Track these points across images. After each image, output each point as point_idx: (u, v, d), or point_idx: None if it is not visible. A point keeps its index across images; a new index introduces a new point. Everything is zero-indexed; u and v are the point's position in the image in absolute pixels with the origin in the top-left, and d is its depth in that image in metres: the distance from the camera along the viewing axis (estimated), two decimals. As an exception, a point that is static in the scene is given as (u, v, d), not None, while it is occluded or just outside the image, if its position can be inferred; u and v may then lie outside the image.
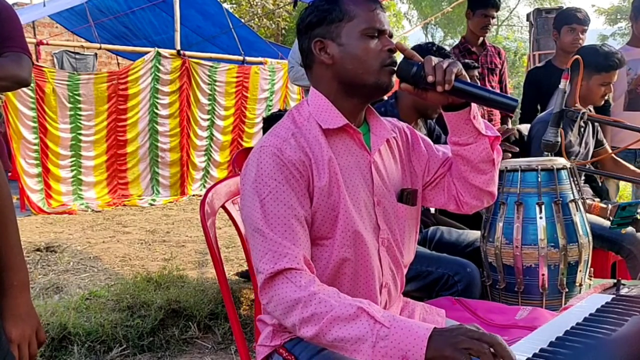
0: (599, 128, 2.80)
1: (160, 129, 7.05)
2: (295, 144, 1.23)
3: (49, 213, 5.97)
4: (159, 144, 7.09)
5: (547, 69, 3.47)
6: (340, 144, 1.29)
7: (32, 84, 5.82)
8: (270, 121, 3.61)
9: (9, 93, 5.65)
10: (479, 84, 2.54)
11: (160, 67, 6.85)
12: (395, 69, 1.28)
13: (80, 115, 6.38)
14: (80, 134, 6.42)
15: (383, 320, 1.04)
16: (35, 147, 6.09)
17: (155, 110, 6.97)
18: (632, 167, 2.82)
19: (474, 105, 1.31)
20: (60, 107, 6.19)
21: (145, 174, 7.05)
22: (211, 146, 7.65)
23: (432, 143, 1.48)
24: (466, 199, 1.41)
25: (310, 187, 1.23)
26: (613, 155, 2.76)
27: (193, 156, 7.43)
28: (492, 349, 0.94)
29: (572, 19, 3.32)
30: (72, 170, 6.42)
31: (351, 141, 1.30)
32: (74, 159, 6.41)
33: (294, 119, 1.30)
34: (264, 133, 3.80)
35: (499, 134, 1.36)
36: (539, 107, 3.41)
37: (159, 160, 7.12)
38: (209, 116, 7.52)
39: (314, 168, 1.23)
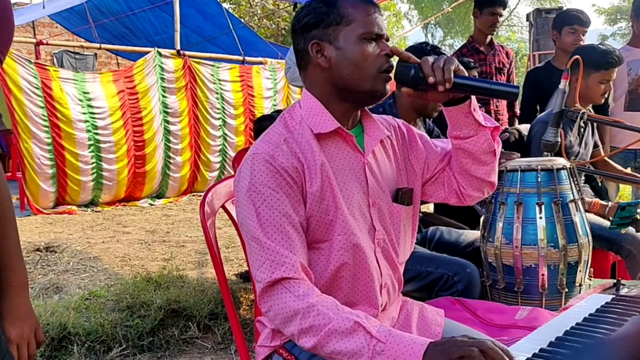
0: (595, 130, 2.80)
1: (171, 128, 6.98)
2: (287, 150, 1.23)
3: (48, 213, 5.95)
4: (171, 145, 7.01)
5: (547, 69, 3.47)
6: (333, 147, 1.28)
7: (37, 82, 5.79)
8: (260, 122, 3.61)
9: (15, 91, 5.61)
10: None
11: (164, 66, 6.82)
12: (392, 75, 1.28)
13: (94, 114, 6.24)
14: (97, 134, 6.27)
15: (379, 335, 1.05)
16: (49, 148, 5.93)
17: (166, 110, 6.91)
18: (625, 171, 2.82)
19: (473, 98, 1.31)
20: (71, 104, 6.06)
21: (158, 177, 6.97)
22: (225, 147, 7.58)
23: (429, 139, 1.47)
24: (468, 191, 1.41)
25: (304, 192, 1.23)
26: (606, 158, 2.75)
27: (206, 156, 7.35)
28: (483, 353, 0.96)
29: (574, 20, 3.32)
30: (92, 173, 6.29)
31: (344, 144, 1.30)
32: (94, 161, 6.27)
33: (286, 123, 1.29)
34: (254, 134, 3.81)
35: (498, 125, 1.37)
36: (538, 107, 3.41)
37: (171, 161, 7.03)
38: (219, 115, 7.47)
39: (307, 174, 1.23)
